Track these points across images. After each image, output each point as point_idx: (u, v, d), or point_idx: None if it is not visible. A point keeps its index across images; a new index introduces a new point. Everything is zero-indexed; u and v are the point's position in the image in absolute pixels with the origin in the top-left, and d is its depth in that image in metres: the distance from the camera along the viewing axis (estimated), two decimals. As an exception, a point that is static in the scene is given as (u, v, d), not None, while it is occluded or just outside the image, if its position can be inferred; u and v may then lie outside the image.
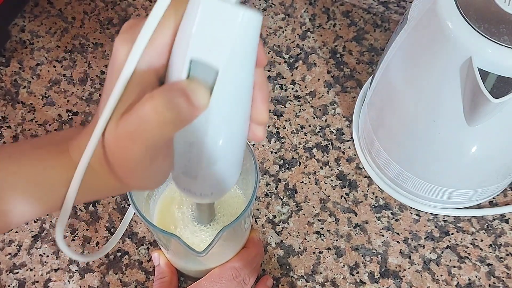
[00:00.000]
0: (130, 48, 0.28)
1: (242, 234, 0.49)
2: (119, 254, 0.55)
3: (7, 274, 0.54)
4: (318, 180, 0.60)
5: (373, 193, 0.59)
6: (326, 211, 0.58)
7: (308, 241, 0.56)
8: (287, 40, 0.69)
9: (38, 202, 0.32)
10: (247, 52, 0.28)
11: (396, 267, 0.55)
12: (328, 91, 0.65)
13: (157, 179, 0.32)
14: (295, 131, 0.62)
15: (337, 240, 0.56)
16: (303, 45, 0.68)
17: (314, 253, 0.56)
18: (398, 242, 0.56)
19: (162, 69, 0.29)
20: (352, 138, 0.62)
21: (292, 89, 0.65)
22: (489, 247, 0.56)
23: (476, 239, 0.57)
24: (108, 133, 0.29)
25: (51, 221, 0.57)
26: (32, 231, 0.56)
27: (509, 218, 0.58)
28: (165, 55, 0.29)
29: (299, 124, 0.63)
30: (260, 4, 0.71)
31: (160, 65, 0.29)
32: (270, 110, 0.64)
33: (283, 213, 0.58)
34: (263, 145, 0.61)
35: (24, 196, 0.31)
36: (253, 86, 0.30)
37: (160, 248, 0.53)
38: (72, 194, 0.31)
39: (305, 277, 0.55)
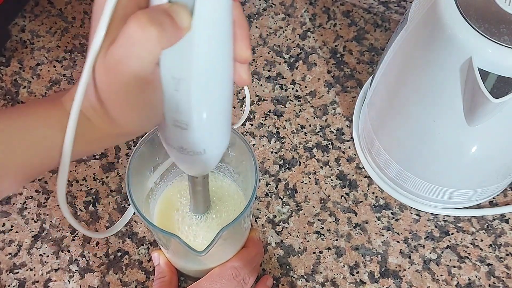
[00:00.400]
0: None
1: (242, 234, 0.49)
2: (119, 254, 0.55)
3: (7, 274, 0.54)
4: (318, 180, 0.60)
5: (373, 193, 0.59)
6: (326, 211, 0.58)
7: (308, 241, 0.56)
8: (287, 40, 0.69)
9: (38, 156, 0.32)
10: None
11: (396, 267, 0.55)
12: (328, 91, 0.65)
13: (148, 116, 0.33)
14: (295, 131, 0.62)
15: (337, 240, 0.56)
16: (303, 45, 0.68)
17: (314, 253, 0.56)
18: (398, 242, 0.56)
19: (144, 1, 0.30)
20: (352, 138, 0.62)
21: (292, 89, 0.65)
22: (489, 247, 0.56)
23: (476, 239, 0.57)
24: (98, 66, 0.30)
25: (51, 221, 0.57)
26: (32, 231, 0.56)
27: (509, 218, 0.58)
28: None
29: (299, 124, 0.63)
30: (260, 4, 0.71)
31: None
32: (270, 110, 0.64)
33: (283, 213, 0.58)
34: (263, 145, 0.62)
35: (23, 151, 0.31)
36: (235, 21, 0.31)
37: (160, 248, 0.53)
38: (69, 144, 0.31)
39: (305, 277, 0.55)
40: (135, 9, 0.29)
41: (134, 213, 0.55)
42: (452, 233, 0.57)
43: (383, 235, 0.57)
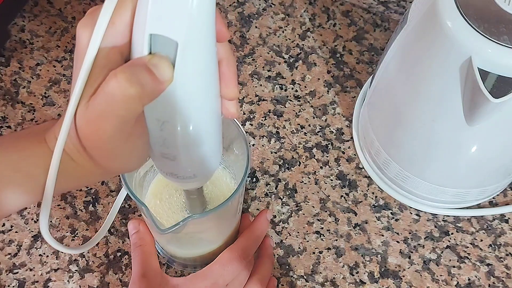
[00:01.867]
0: (92, 31, 0.29)
1: (232, 219, 0.49)
2: (119, 254, 0.55)
3: (7, 274, 0.54)
4: (318, 180, 0.60)
5: (373, 193, 0.59)
6: (326, 211, 0.58)
7: (308, 241, 0.56)
8: (287, 40, 0.69)
9: (21, 191, 0.32)
10: (204, 24, 0.28)
11: (396, 267, 0.55)
12: (328, 91, 0.65)
13: (134, 160, 0.33)
14: (295, 131, 0.62)
15: (336, 240, 0.56)
16: (303, 45, 0.68)
17: (314, 253, 0.56)
18: (397, 242, 0.56)
19: (127, 49, 0.30)
20: (352, 138, 0.62)
21: (292, 89, 0.65)
22: (489, 247, 0.56)
23: (476, 239, 0.57)
24: (79, 117, 0.30)
25: (51, 221, 0.57)
26: (32, 231, 0.56)
27: (509, 218, 0.58)
28: (127, 34, 0.29)
29: (299, 124, 0.63)
30: (260, 4, 0.71)
31: (123, 44, 0.29)
32: (270, 110, 0.64)
33: (283, 213, 0.58)
34: (263, 145, 0.62)
35: (6, 186, 0.31)
36: (220, 61, 0.31)
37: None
38: (51, 182, 0.31)
39: (305, 277, 0.55)
40: (117, 57, 0.29)
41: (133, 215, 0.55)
42: (452, 233, 0.57)
43: (382, 235, 0.57)
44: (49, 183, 0.32)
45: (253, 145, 0.62)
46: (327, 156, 0.61)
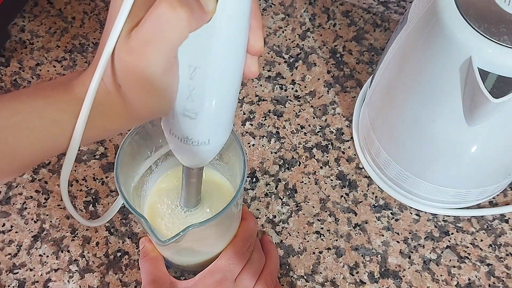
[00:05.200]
0: None
1: (232, 224, 0.49)
2: (119, 254, 0.55)
3: (7, 274, 0.54)
4: (318, 180, 0.60)
5: (373, 193, 0.59)
6: (326, 211, 0.58)
7: (308, 241, 0.56)
8: (287, 40, 0.69)
9: (47, 139, 0.31)
10: None
11: (396, 267, 0.55)
12: (328, 91, 0.65)
13: (163, 102, 0.32)
14: (295, 131, 0.62)
15: (337, 240, 0.56)
16: (303, 45, 0.68)
17: (314, 253, 0.56)
18: (398, 242, 0.56)
19: None
20: (352, 138, 0.62)
21: (292, 89, 0.65)
22: (489, 247, 0.56)
23: (476, 239, 0.57)
24: (119, 50, 0.29)
25: (50, 221, 0.57)
26: (32, 231, 0.56)
27: (509, 218, 0.58)
28: None
29: (299, 124, 0.63)
30: (260, 4, 0.71)
31: None
32: (270, 110, 0.64)
33: (283, 213, 0.58)
34: (262, 145, 0.62)
35: (31, 135, 0.31)
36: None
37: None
38: (80, 129, 0.31)
39: (305, 277, 0.55)
40: None
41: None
42: (452, 233, 0.57)
43: (383, 235, 0.57)
44: (77, 130, 0.31)
45: (253, 145, 0.62)
46: (327, 156, 0.61)
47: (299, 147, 0.62)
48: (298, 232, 0.57)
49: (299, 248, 0.56)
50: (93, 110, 0.31)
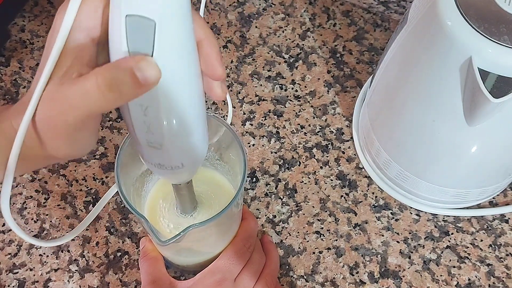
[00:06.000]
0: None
1: (233, 223, 0.49)
2: (119, 254, 0.55)
3: (7, 274, 0.54)
4: (318, 180, 0.60)
5: (373, 193, 0.59)
6: (326, 211, 0.58)
7: (308, 241, 0.56)
8: (287, 40, 0.69)
9: None
10: (179, 3, 0.29)
11: (396, 267, 0.55)
12: (328, 91, 0.65)
13: (85, 146, 0.34)
14: (295, 131, 0.62)
15: (336, 240, 0.56)
16: (303, 44, 0.68)
17: (313, 253, 0.56)
18: (398, 242, 0.56)
19: (96, 32, 0.30)
20: (352, 138, 0.62)
21: (292, 88, 0.65)
22: (489, 247, 0.56)
23: (476, 239, 0.57)
24: (47, 93, 0.30)
25: (51, 221, 0.57)
26: (32, 231, 0.56)
27: (509, 218, 0.58)
28: (98, 17, 0.30)
29: (299, 124, 0.63)
30: (260, 4, 0.71)
31: (93, 27, 0.30)
32: (270, 110, 0.64)
33: (283, 213, 0.58)
34: (262, 145, 0.61)
35: None
36: (201, 42, 0.32)
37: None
38: (13, 161, 0.32)
39: (305, 277, 0.55)
40: (87, 41, 0.30)
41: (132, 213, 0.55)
42: (452, 233, 0.57)
43: (382, 235, 0.57)
44: (11, 161, 0.32)
45: (253, 145, 0.62)
46: (327, 156, 0.61)
47: (299, 147, 0.62)
48: (298, 232, 0.57)
49: (299, 248, 0.56)
50: (11, 145, 0.32)
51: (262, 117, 0.63)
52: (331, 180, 0.60)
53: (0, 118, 0.33)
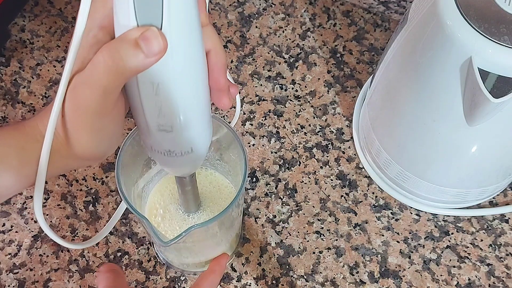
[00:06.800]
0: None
1: (234, 223, 0.49)
2: (119, 254, 0.55)
3: (7, 274, 0.54)
4: (318, 179, 0.60)
5: (373, 193, 0.59)
6: (326, 211, 0.58)
7: (308, 241, 0.56)
8: (287, 39, 0.69)
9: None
10: None
11: (396, 267, 0.55)
12: (328, 91, 0.65)
13: (106, 143, 0.34)
14: (295, 131, 0.62)
15: (337, 240, 0.56)
16: (303, 44, 0.68)
17: (314, 253, 0.56)
18: (398, 242, 0.56)
19: (109, 24, 0.30)
20: (352, 137, 0.62)
21: (292, 88, 0.65)
22: (489, 247, 0.56)
23: (476, 239, 0.57)
24: (71, 84, 0.31)
25: (51, 221, 0.57)
26: (32, 231, 0.56)
27: (509, 218, 0.58)
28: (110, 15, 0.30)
29: (299, 124, 0.63)
30: (260, 4, 0.71)
31: (110, 24, 0.30)
32: (270, 110, 0.64)
33: (283, 213, 0.58)
34: (263, 145, 0.62)
35: None
36: (208, 52, 0.32)
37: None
38: (44, 165, 0.32)
39: (305, 277, 0.55)
40: (105, 35, 0.30)
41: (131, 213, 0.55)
42: (452, 233, 0.57)
43: (383, 235, 0.57)
44: (41, 165, 0.32)
45: (253, 145, 0.62)
46: (327, 156, 0.61)
47: (299, 147, 0.62)
48: (298, 232, 0.57)
49: (299, 248, 0.56)
50: (39, 148, 0.32)
51: (262, 117, 0.63)
52: (331, 180, 0.60)
53: (27, 124, 0.33)
